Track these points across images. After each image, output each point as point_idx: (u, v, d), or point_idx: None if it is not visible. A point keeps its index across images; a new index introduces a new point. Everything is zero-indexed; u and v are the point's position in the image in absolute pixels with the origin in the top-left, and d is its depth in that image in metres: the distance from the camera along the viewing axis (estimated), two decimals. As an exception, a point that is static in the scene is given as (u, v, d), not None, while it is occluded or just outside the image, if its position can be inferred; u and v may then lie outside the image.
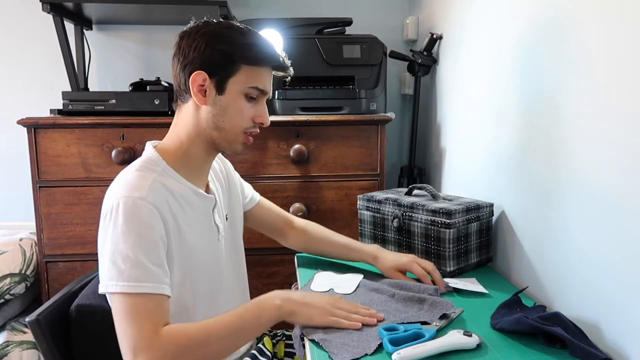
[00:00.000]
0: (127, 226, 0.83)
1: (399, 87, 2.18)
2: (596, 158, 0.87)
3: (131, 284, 0.81)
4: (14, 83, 2.03)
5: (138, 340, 0.79)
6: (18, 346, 1.57)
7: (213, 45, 0.92)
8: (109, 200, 0.87)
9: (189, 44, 0.94)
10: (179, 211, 0.93)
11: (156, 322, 0.81)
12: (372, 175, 1.69)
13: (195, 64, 0.93)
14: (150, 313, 0.81)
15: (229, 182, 1.16)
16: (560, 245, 0.98)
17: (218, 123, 0.95)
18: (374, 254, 1.16)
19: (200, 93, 0.93)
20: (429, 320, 0.90)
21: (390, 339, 0.80)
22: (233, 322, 0.86)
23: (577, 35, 0.93)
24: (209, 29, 0.94)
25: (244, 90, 0.95)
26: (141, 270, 0.82)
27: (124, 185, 0.88)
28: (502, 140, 1.25)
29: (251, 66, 0.94)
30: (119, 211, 0.84)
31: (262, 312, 0.87)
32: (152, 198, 0.87)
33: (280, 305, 0.87)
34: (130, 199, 0.85)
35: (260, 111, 0.98)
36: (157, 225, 0.86)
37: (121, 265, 0.82)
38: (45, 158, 1.58)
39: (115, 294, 0.82)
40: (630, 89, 0.78)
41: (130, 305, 0.81)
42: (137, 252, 0.82)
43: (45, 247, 1.61)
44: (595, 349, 0.79)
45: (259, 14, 2.06)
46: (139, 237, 0.83)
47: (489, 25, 1.34)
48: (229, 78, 0.93)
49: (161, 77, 1.77)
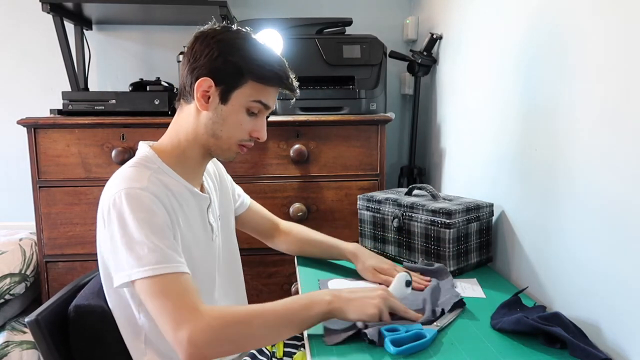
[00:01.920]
0: (134, 215, 0.84)
1: (399, 87, 2.18)
2: (596, 158, 0.87)
3: (154, 267, 0.81)
4: (14, 83, 2.03)
5: (181, 313, 0.78)
6: (18, 346, 1.57)
7: (225, 56, 0.92)
8: (109, 195, 0.88)
9: (202, 48, 0.94)
10: (177, 207, 0.94)
11: (194, 298, 0.81)
12: (372, 175, 1.69)
13: (203, 70, 0.93)
14: (183, 289, 0.81)
15: (221, 183, 1.18)
16: (560, 246, 0.98)
17: (216, 131, 0.96)
18: (354, 252, 1.18)
19: (203, 99, 0.94)
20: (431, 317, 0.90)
21: (392, 340, 0.80)
22: (279, 310, 0.84)
23: (576, 35, 0.92)
24: (225, 37, 0.94)
25: (247, 104, 0.95)
26: (159, 253, 0.82)
27: (123, 179, 0.89)
28: (502, 140, 1.25)
29: (258, 83, 0.95)
30: (122, 202, 0.85)
31: (312, 304, 0.85)
32: (153, 189, 0.88)
33: (331, 300, 0.85)
34: (132, 189, 0.86)
35: (258, 126, 0.99)
36: (161, 213, 0.87)
37: (139, 252, 0.82)
38: (45, 158, 1.58)
39: (139, 280, 0.81)
40: (629, 90, 0.78)
41: (160, 286, 0.81)
42: (150, 238, 0.83)
43: (45, 247, 1.61)
44: (595, 349, 0.79)
45: (259, 14, 2.06)
46: (148, 224, 0.84)
47: (489, 25, 1.34)
48: (234, 90, 0.94)
49: (161, 77, 1.77)
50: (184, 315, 0.78)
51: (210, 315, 0.79)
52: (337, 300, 0.86)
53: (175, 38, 2.07)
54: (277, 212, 1.67)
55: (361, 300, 0.86)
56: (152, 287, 0.81)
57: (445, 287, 1.06)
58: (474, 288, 1.09)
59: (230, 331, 0.80)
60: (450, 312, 0.94)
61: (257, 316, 0.82)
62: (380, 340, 0.82)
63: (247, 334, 0.81)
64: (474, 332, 0.88)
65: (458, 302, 0.96)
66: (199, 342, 0.77)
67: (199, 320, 0.78)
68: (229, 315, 0.81)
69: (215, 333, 0.78)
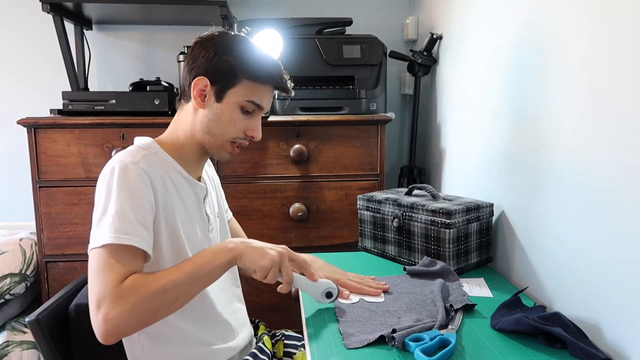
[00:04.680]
0: (118, 186, 0.87)
1: (399, 87, 2.18)
2: (596, 158, 0.87)
3: (116, 236, 0.83)
4: (14, 83, 2.03)
5: (103, 292, 0.80)
6: (18, 346, 1.57)
7: (220, 56, 0.97)
8: (105, 168, 0.91)
9: (200, 49, 0.99)
10: (172, 189, 0.96)
11: (122, 273, 0.82)
12: (372, 175, 1.69)
13: (200, 70, 0.98)
14: (121, 264, 0.82)
15: (217, 187, 1.20)
16: (560, 246, 0.98)
17: (210, 128, 0.99)
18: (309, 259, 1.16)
19: (200, 97, 0.98)
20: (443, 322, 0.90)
21: (422, 349, 0.78)
22: (187, 268, 0.87)
23: (577, 34, 0.93)
24: (221, 39, 0.99)
25: (241, 103, 0.99)
26: (128, 224, 0.84)
27: (119, 155, 0.93)
28: (501, 140, 1.25)
29: (252, 81, 0.98)
30: (113, 174, 0.88)
31: (215, 255, 0.89)
32: (144, 165, 0.91)
33: (233, 247, 0.90)
34: (123, 162, 0.89)
35: (252, 125, 1.02)
36: (145, 190, 0.89)
37: (109, 219, 0.84)
38: (45, 158, 1.58)
39: (98, 247, 0.83)
40: (630, 88, 0.78)
41: (107, 255, 0.82)
42: (125, 209, 0.85)
43: (45, 247, 1.61)
44: (595, 349, 0.79)
45: (259, 14, 2.06)
46: (129, 198, 0.86)
47: (489, 25, 1.34)
48: (229, 88, 0.98)
49: (161, 77, 1.77)
50: (107, 292, 0.80)
51: (129, 290, 0.81)
52: (238, 247, 0.90)
53: (175, 38, 2.07)
54: (277, 212, 1.68)
55: (260, 250, 0.90)
56: (99, 257, 0.82)
57: (452, 286, 1.06)
58: (482, 288, 1.09)
59: (147, 304, 0.82)
60: (459, 312, 0.94)
61: (168, 282, 0.84)
62: (400, 344, 0.81)
63: (163, 303, 0.84)
64: (474, 332, 0.88)
65: (469, 305, 0.96)
66: (115, 321, 0.79)
67: (118, 297, 0.79)
68: (143, 288, 0.82)
69: (130, 308, 0.80)
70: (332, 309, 0.99)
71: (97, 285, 0.81)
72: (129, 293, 0.81)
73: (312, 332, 0.89)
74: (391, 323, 0.90)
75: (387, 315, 0.94)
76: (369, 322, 0.91)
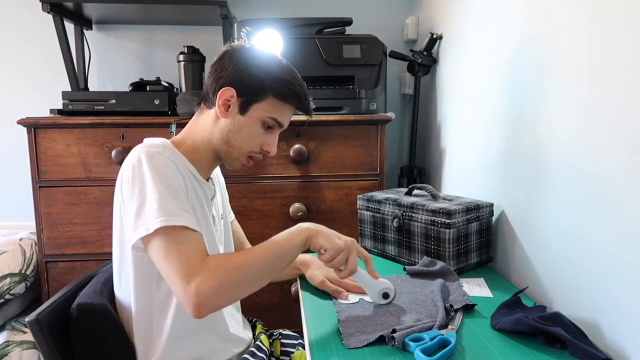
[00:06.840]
0: (152, 174, 0.88)
1: (399, 87, 2.18)
2: (596, 158, 0.87)
3: (172, 218, 0.85)
4: (14, 83, 2.03)
5: (188, 267, 0.82)
6: (18, 346, 1.57)
7: (251, 70, 0.99)
8: (130, 160, 0.92)
9: (230, 60, 1.00)
10: (188, 183, 0.97)
11: (201, 253, 0.86)
12: (372, 175, 1.69)
13: (228, 80, 0.99)
14: (193, 243, 0.86)
15: (223, 190, 1.21)
16: (560, 246, 0.98)
17: (230, 138, 1.00)
18: (306, 260, 1.18)
19: (224, 106, 0.99)
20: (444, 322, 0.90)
21: (422, 349, 0.78)
22: (268, 246, 0.92)
23: (576, 34, 0.93)
24: (253, 53, 1.01)
25: (263, 118, 1.00)
26: (177, 208, 0.87)
27: (141, 146, 0.94)
28: (501, 139, 1.25)
29: (278, 100, 1.00)
30: (142, 164, 0.89)
31: (291, 235, 0.95)
32: (168, 154, 0.94)
33: (308, 227, 0.96)
34: (149, 152, 0.91)
35: (270, 140, 1.04)
36: (175, 176, 0.92)
37: (157, 203, 0.86)
38: (45, 158, 1.58)
39: (156, 232, 0.84)
40: (630, 88, 0.78)
41: (174, 237, 0.85)
42: (164, 194, 0.87)
43: (45, 247, 1.61)
44: (595, 349, 0.79)
45: (259, 14, 2.06)
46: (164, 185, 0.88)
47: (489, 25, 1.34)
48: (254, 103, 0.99)
49: (161, 77, 1.77)
50: (194, 268, 0.83)
51: (216, 265, 0.84)
52: (312, 227, 0.97)
53: (175, 38, 2.07)
54: (277, 212, 1.68)
55: (335, 233, 0.98)
56: (165, 239, 0.84)
57: (452, 286, 1.06)
58: (482, 288, 1.09)
59: (233, 276, 0.85)
60: (459, 312, 0.94)
61: (252, 258, 0.89)
62: (400, 344, 0.81)
63: (248, 277, 0.88)
64: (474, 332, 0.88)
65: (468, 305, 0.96)
66: (207, 293, 0.81)
67: (206, 272, 0.83)
68: (229, 263, 0.86)
69: (220, 281, 0.83)
70: (332, 308, 0.99)
71: (176, 263, 0.83)
72: (217, 267, 0.84)
73: (312, 332, 0.89)
74: (391, 323, 0.90)
75: (387, 315, 0.94)
76: (369, 322, 0.91)
